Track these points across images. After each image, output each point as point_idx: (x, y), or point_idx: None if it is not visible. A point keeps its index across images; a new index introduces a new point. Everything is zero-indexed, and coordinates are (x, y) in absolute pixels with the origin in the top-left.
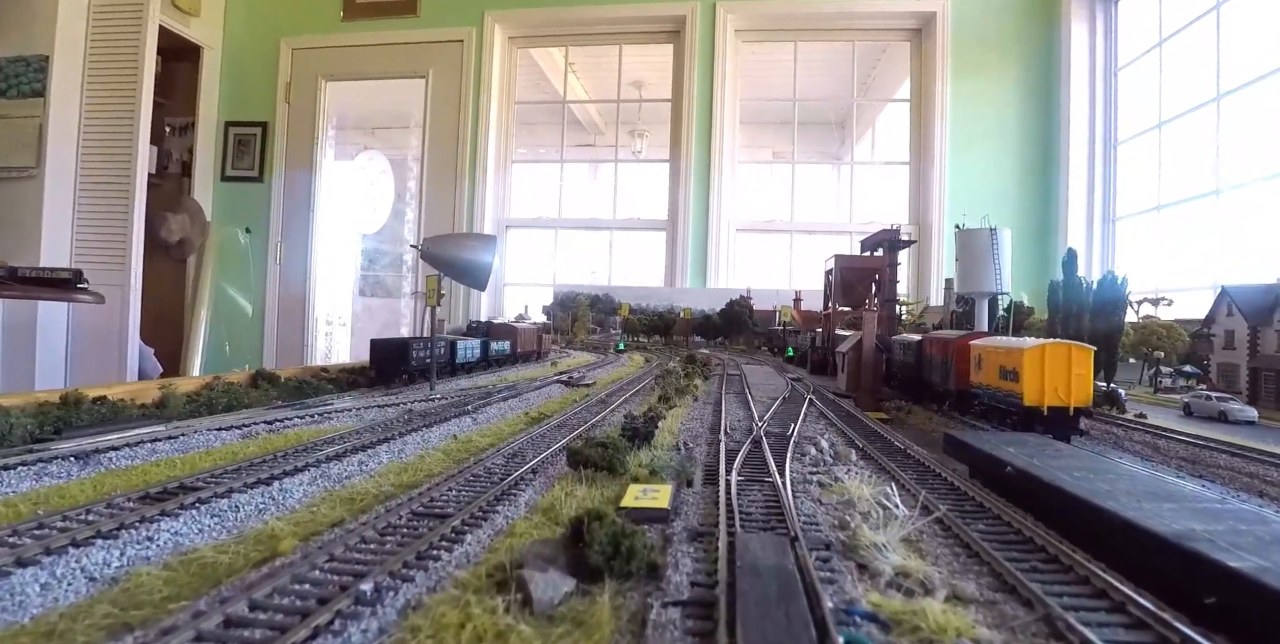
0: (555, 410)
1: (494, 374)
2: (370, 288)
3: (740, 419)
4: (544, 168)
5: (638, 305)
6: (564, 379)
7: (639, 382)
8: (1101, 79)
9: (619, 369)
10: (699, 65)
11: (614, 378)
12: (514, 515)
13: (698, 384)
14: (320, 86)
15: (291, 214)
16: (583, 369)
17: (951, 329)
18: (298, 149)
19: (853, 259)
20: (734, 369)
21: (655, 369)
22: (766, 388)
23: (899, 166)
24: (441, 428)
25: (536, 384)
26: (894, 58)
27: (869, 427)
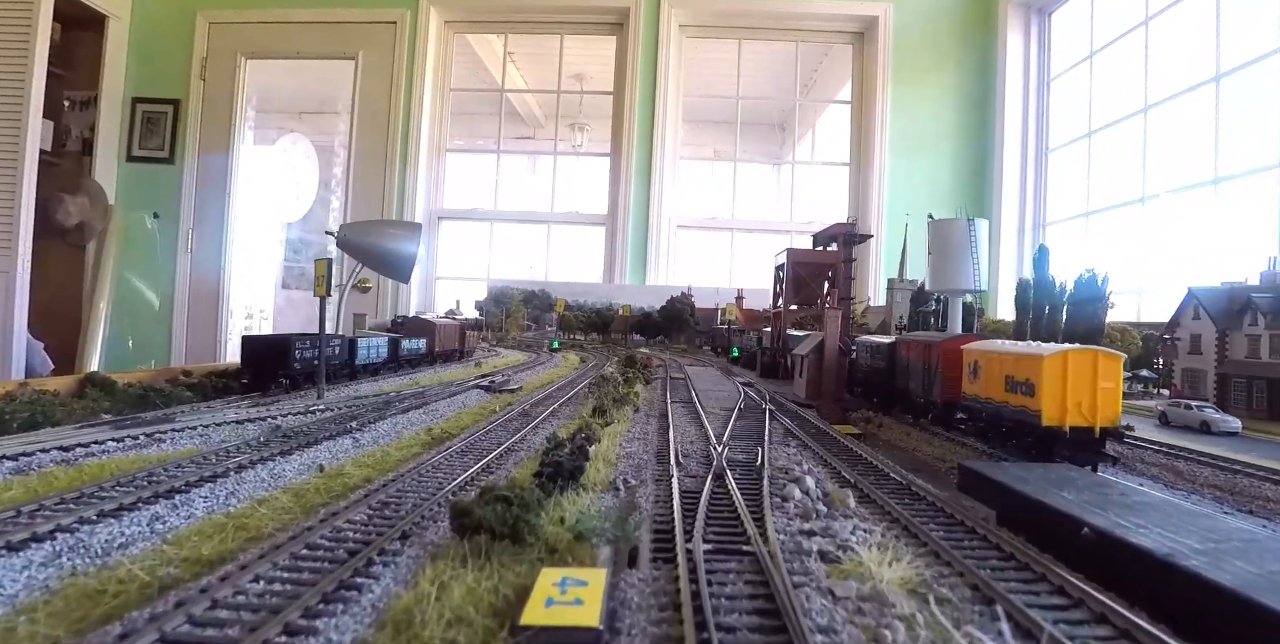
0: (466, 426)
1: (405, 376)
2: (294, 280)
3: (693, 439)
4: (480, 159)
5: (575, 302)
6: (485, 383)
7: (572, 386)
8: (1035, 88)
9: (551, 370)
10: (642, 59)
11: (544, 381)
12: (340, 642)
13: (639, 391)
14: (239, 64)
15: (205, 199)
16: (510, 371)
17: (917, 331)
18: (213, 129)
19: (806, 254)
20: (678, 372)
21: (591, 370)
22: (717, 395)
23: (839, 168)
24: (309, 454)
25: (452, 389)
26: (836, 60)
27: (846, 447)
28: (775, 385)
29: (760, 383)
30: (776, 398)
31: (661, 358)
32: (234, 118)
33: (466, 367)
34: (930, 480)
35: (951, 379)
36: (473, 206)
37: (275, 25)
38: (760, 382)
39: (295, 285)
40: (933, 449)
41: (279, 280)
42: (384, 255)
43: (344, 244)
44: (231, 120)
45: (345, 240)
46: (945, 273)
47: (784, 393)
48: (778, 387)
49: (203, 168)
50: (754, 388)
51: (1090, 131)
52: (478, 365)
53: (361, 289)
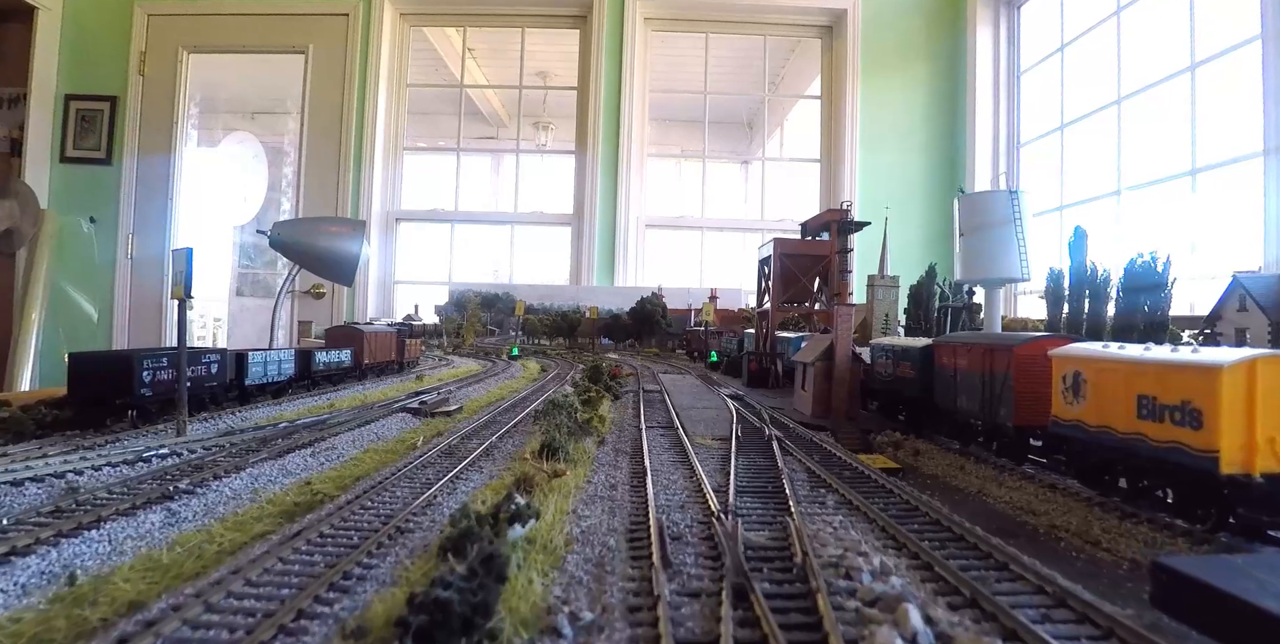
0: (364, 474)
1: (321, 397)
2: (249, 287)
3: (682, 497)
4: (441, 160)
5: (541, 304)
6: (416, 404)
7: (525, 404)
8: (1005, 82)
9: (504, 383)
10: (606, 53)
11: (492, 398)
12: None
13: (604, 413)
14: (181, 58)
15: (146, 202)
16: (455, 385)
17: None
18: (154, 128)
19: (795, 244)
20: (651, 382)
21: (552, 381)
22: (703, 414)
23: (810, 164)
24: (71, 547)
25: (371, 414)
26: (805, 54)
27: (891, 492)
28: (768, 397)
29: (749, 394)
30: (777, 417)
31: (632, 365)
32: (176, 115)
33: (404, 381)
34: (1055, 563)
35: (1032, 396)
36: (432, 208)
37: (219, 17)
38: (749, 393)
39: (251, 292)
40: (1009, 493)
41: (233, 287)
42: (324, 256)
43: (279, 244)
44: (173, 118)
45: (280, 240)
46: (982, 258)
47: (782, 408)
48: (771, 399)
49: (143, 169)
50: (744, 402)
51: (1063, 125)
52: (418, 379)
53: (315, 294)
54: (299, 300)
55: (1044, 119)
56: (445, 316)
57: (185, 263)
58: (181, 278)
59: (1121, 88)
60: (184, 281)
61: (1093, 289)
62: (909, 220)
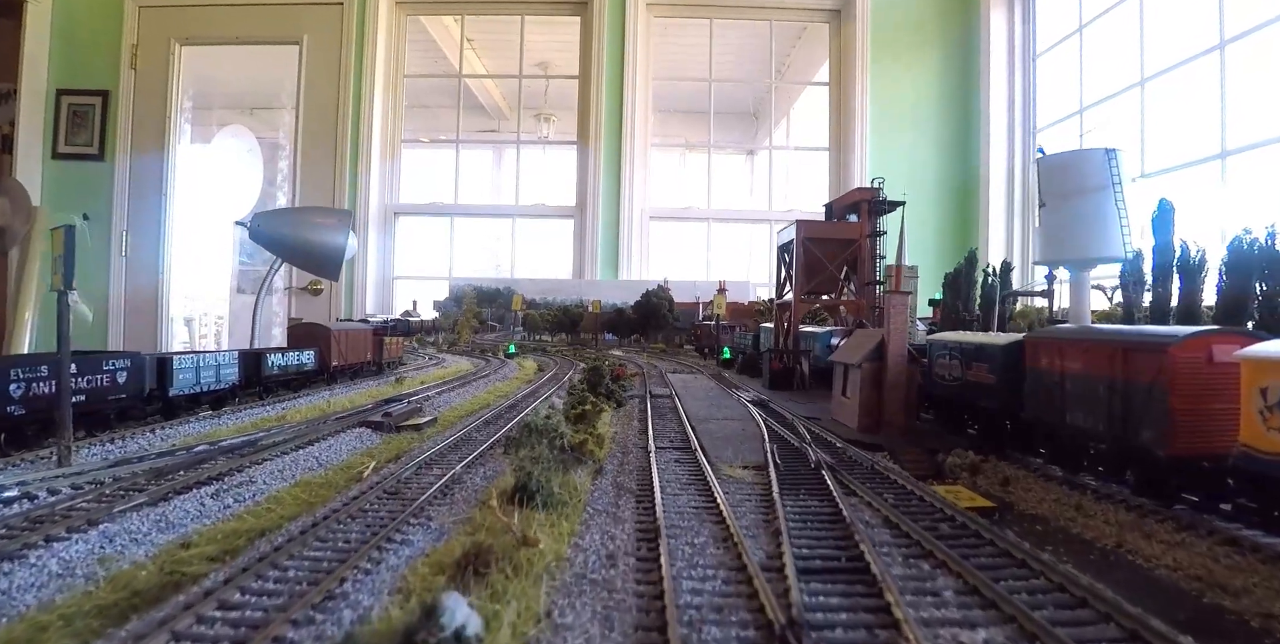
0: (268, 529)
1: (274, 407)
2: (250, 284)
3: (717, 589)
4: (440, 153)
5: (544, 299)
6: (379, 417)
7: (513, 413)
8: (1020, 65)
9: (495, 386)
10: (608, 40)
11: (475, 406)
12: None
13: (602, 431)
14: (174, 51)
15: (140, 198)
16: (438, 388)
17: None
18: (147, 123)
19: (821, 227)
20: (659, 383)
21: (548, 383)
22: (726, 429)
23: (818, 154)
24: None
25: (323, 429)
26: (812, 40)
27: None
28: (797, 403)
29: (774, 399)
30: (815, 432)
31: (638, 363)
32: (169, 109)
33: (381, 385)
34: None
35: (1195, 414)
36: (432, 201)
37: (210, 8)
38: (773, 397)
39: (251, 290)
40: (1169, 552)
41: (233, 285)
42: (307, 248)
43: (259, 236)
44: (167, 112)
45: (260, 232)
46: (1071, 234)
47: (819, 419)
48: (801, 405)
49: (136, 165)
50: (770, 409)
51: (1081, 108)
52: (398, 382)
53: (312, 291)
54: (296, 297)
55: (1061, 103)
56: (444, 313)
57: (66, 245)
58: (59, 265)
59: (1145, 68)
60: (64, 269)
61: (1185, 271)
62: (922, 208)
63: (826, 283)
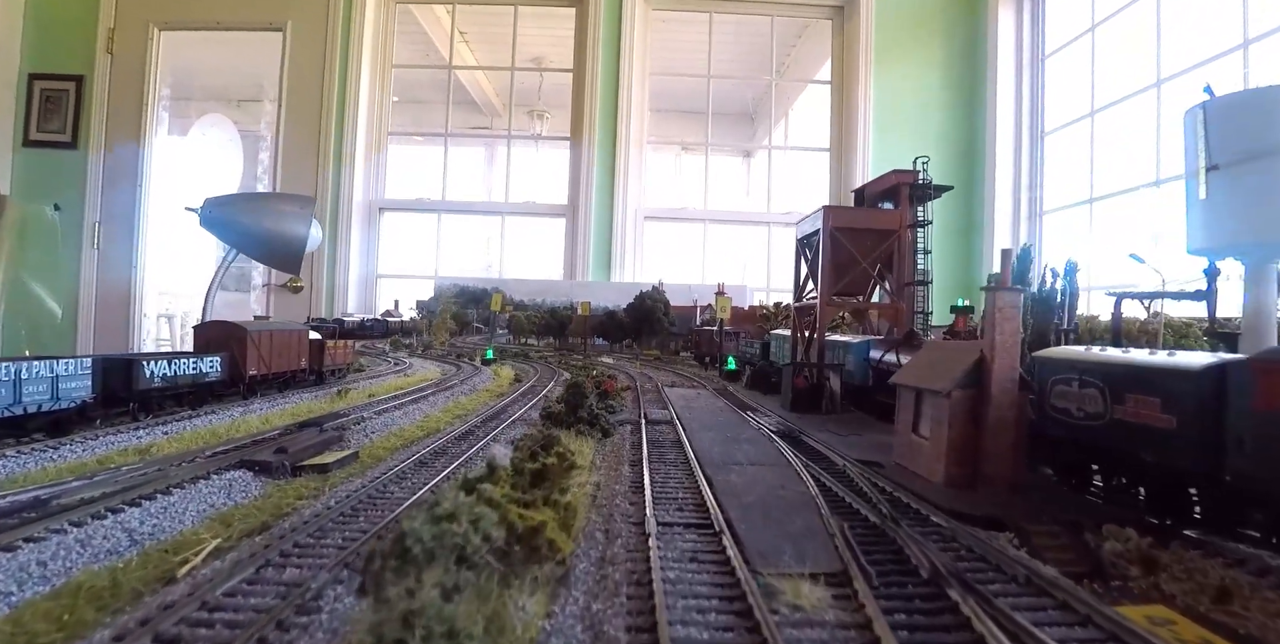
0: None
1: (148, 433)
2: (234, 281)
3: None
4: (431, 149)
5: (533, 301)
6: (269, 454)
7: (463, 444)
8: (1028, 65)
9: (457, 401)
10: (604, 33)
11: (419, 432)
12: None
13: (577, 489)
14: (152, 35)
15: (114, 189)
16: (384, 405)
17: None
18: (123, 110)
19: (853, 215)
20: (656, 402)
21: (522, 399)
22: (758, 486)
23: (818, 155)
24: None
25: (179, 475)
26: (814, 37)
27: None
28: (831, 432)
29: (804, 428)
30: (885, 487)
31: (630, 373)
32: (146, 96)
33: (318, 398)
34: None
35: None
36: (419, 197)
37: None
38: (799, 423)
39: (235, 287)
40: None
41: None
42: (265, 238)
43: (210, 223)
44: (144, 99)
45: (212, 218)
46: (1256, 209)
47: (876, 462)
48: (838, 435)
49: (111, 153)
50: (805, 446)
51: (1093, 111)
52: (339, 395)
53: (292, 289)
54: (275, 295)
55: (1071, 105)
56: (425, 313)
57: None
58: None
59: (1161, 69)
60: None
61: None
62: None
63: (857, 283)
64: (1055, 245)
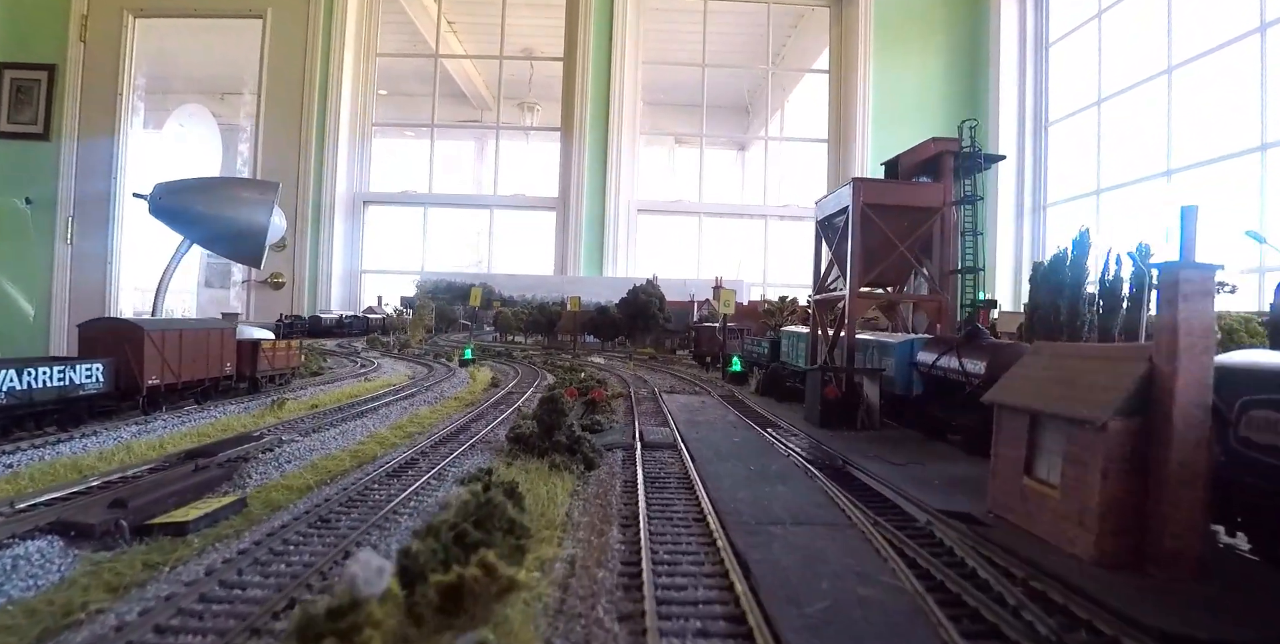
0: None
1: None
2: (218, 278)
3: None
4: (421, 143)
5: (522, 297)
6: (100, 514)
7: (393, 482)
8: (1031, 53)
9: (414, 415)
10: (595, 20)
11: (347, 463)
12: None
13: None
14: (127, 22)
15: (88, 182)
16: (314, 424)
17: None
18: (97, 100)
19: (890, 190)
20: (653, 413)
21: (494, 407)
22: (817, 564)
23: (816, 146)
24: None
25: None
26: (811, 26)
27: None
28: (884, 462)
29: (846, 453)
30: (1008, 566)
31: (622, 377)
32: (121, 86)
33: (249, 410)
34: None
35: None
36: (404, 189)
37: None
38: (839, 446)
39: (220, 284)
40: None
41: (201, 279)
42: (221, 227)
43: (160, 210)
44: (118, 89)
45: (162, 205)
46: None
47: (971, 516)
48: (895, 467)
49: (85, 145)
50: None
51: (1099, 99)
52: (275, 406)
53: (273, 284)
54: (256, 291)
55: (1076, 94)
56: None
57: None
58: None
59: (1172, 56)
60: None
61: None
62: None
63: (891, 271)
64: (1057, 238)
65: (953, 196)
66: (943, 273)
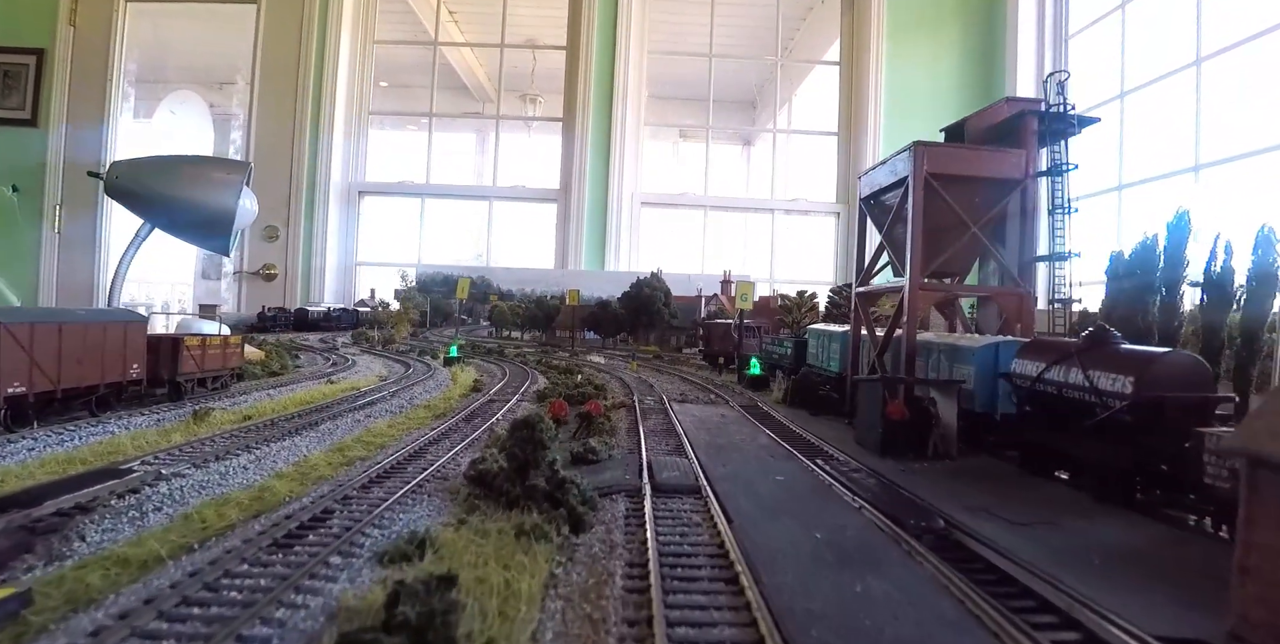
0: None
1: None
2: (215, 269)
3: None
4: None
5: (521, 291)
6: None
7: (272, 565)
8: (1051, 45)
9: (367, 430)
10: (600, 9)
11: (230, 516)
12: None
13: None
14: (118, 7)
15: (76, 169)
16: (232, 444)
17: None
18: (86, 86)
19: (957, 157)
20: (664, 434)
21: (469, 420)
22: None
23: (825, 139)
24: None
25: None
26: (822, 16)
27: None
28: (983, 512)
29: (923, 491)
30: None
31: (625, 381)
32: (111, 72)
33: (162, 424)
34: None
35: None
36: (401, 180)
37: None
38: (901, 478)
39: (216, 275)
40: None
41: (198, 270)
42: (186, 211)
43: (118, 191)
44: (108, 75)
45: (120, 185)
46: None
47: (1180, 632)
48: (1002, 519)
49: (73, 131)
50: (976, 561)
51: (1122, 93)
52: (195, 419)
53: (265, 276)
54: (247, 283)
55: (1098, 87)
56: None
57: None
58: None
59: (1202, 47)
60: None
61: None
62: None
63: (958, 257)
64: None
65: (1030, 172)
66: (1022, 260)
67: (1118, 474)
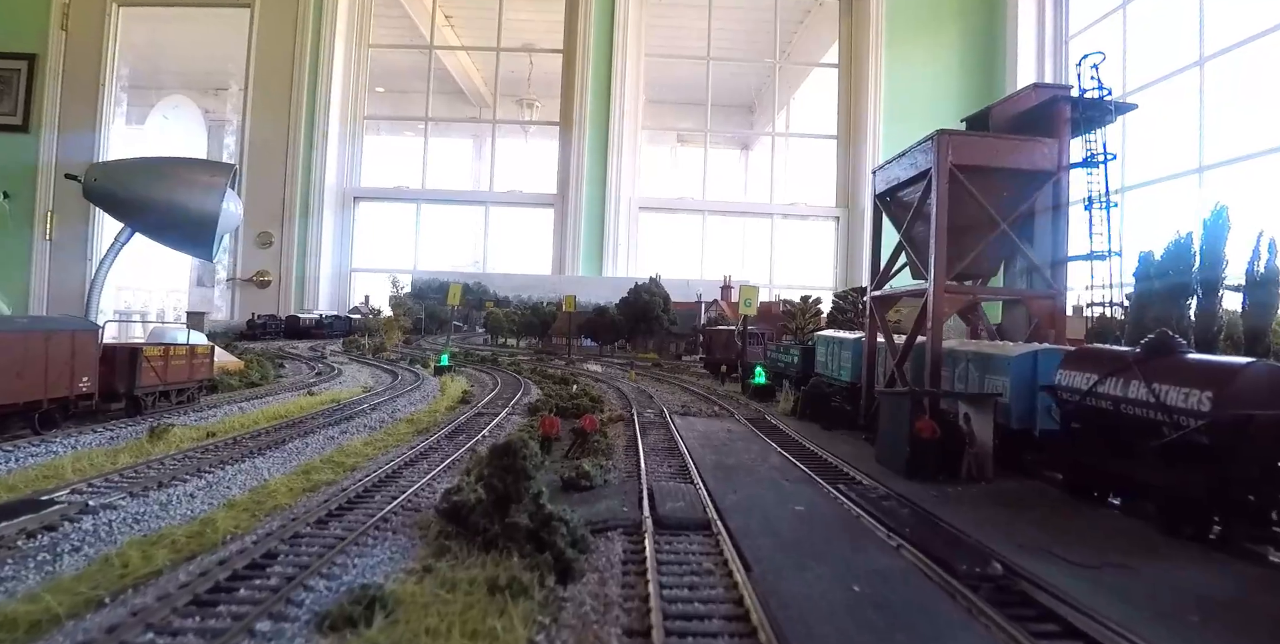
0: None
1: None
2: (209, 276)
3: None
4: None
5: (517, 297)
6: None
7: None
8: (1051, 46)
9: (340, 448)
10: (597, 12)
11: (159, 558)
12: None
13: None
14: (110, 11)
15: None
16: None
17: None
18: (78, 91)
19: (984, 147)
20: (666, 453)
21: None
22: None
23: (824, 143)
24: None
25: None
26: (820, 18)
27: None
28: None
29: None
30: None
31: (622, 391)
32: (103, 77)
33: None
34: None
35: None
36: (397, 185)
37: None
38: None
39: (211, 282)
40: None
41: (193, 277)
42: (167, 214)
43: (97, 193)
44: (101, 80)
45: (98, 187)
46: None
47: None
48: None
49: (65, 137)
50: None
51: (1124, 94)
52: (151, 437)
53: (259, 283)
54: (241, 290)
55: None
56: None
57: None
58: None
59: (1204, 47)
60: None
61: None
62: None
63: (985, 257)
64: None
65: (1064, 164)
66: (1055, 260)
67: (1191, 503)
